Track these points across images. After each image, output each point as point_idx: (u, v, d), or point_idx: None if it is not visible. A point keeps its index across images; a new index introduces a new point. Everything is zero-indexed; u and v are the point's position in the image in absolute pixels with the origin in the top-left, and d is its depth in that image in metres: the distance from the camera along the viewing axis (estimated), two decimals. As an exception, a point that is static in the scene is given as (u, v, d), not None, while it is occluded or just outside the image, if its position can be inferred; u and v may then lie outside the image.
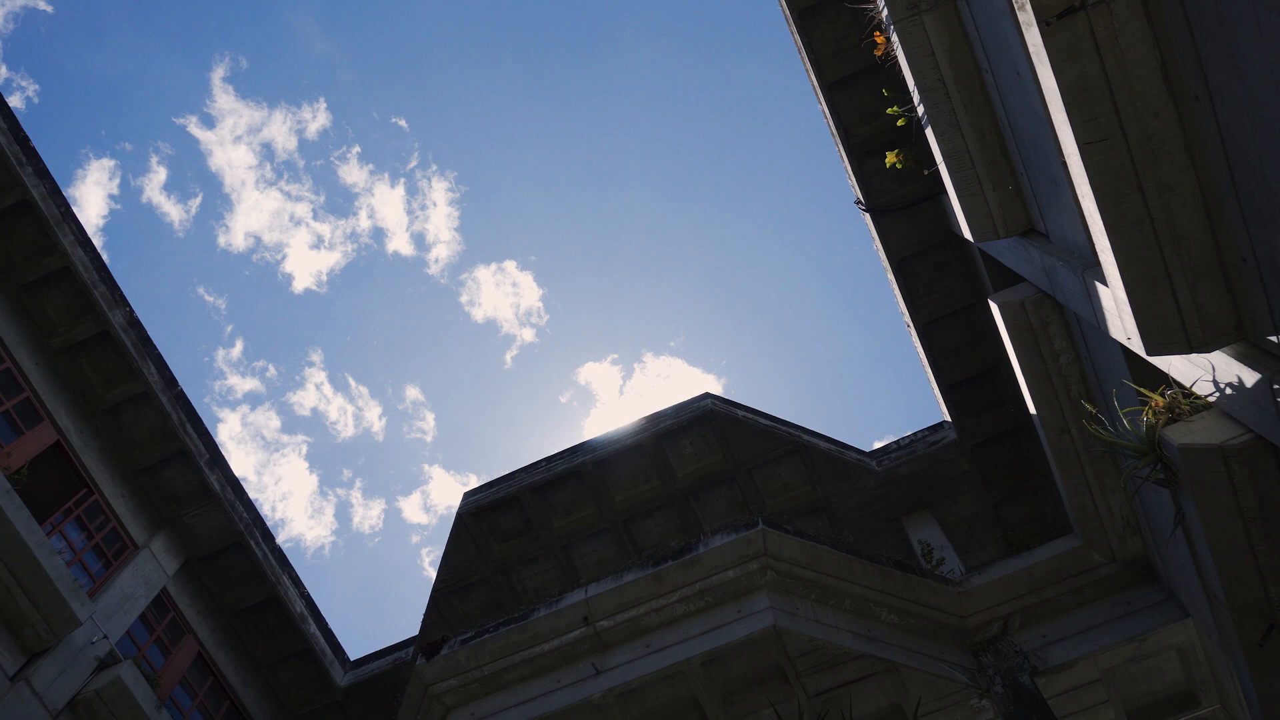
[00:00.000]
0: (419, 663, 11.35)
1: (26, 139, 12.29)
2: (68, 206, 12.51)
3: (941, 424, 13.91)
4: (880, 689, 10.33)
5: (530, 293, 43.09)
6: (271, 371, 41.33)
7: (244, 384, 41.06)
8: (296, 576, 14.44)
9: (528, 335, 42.84)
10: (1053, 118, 6.62)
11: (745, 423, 13.52)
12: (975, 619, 10.73)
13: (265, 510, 11.85)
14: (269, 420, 41.29)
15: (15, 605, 10.43)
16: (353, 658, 15.11)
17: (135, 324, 13.01)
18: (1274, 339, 5.89)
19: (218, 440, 13.56)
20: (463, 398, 44.15)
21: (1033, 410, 10.51)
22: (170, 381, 13.33)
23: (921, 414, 43.62)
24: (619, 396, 43.42)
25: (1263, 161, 5.25)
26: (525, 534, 13.86)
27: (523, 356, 43.82)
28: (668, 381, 43.80)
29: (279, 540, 13.96)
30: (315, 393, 41.73)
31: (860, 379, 43.30)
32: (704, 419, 13.57)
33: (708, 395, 13.73)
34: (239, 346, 41.04)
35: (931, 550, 12.18)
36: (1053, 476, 11.09)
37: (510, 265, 42.98)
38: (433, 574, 41.06)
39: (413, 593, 43.77)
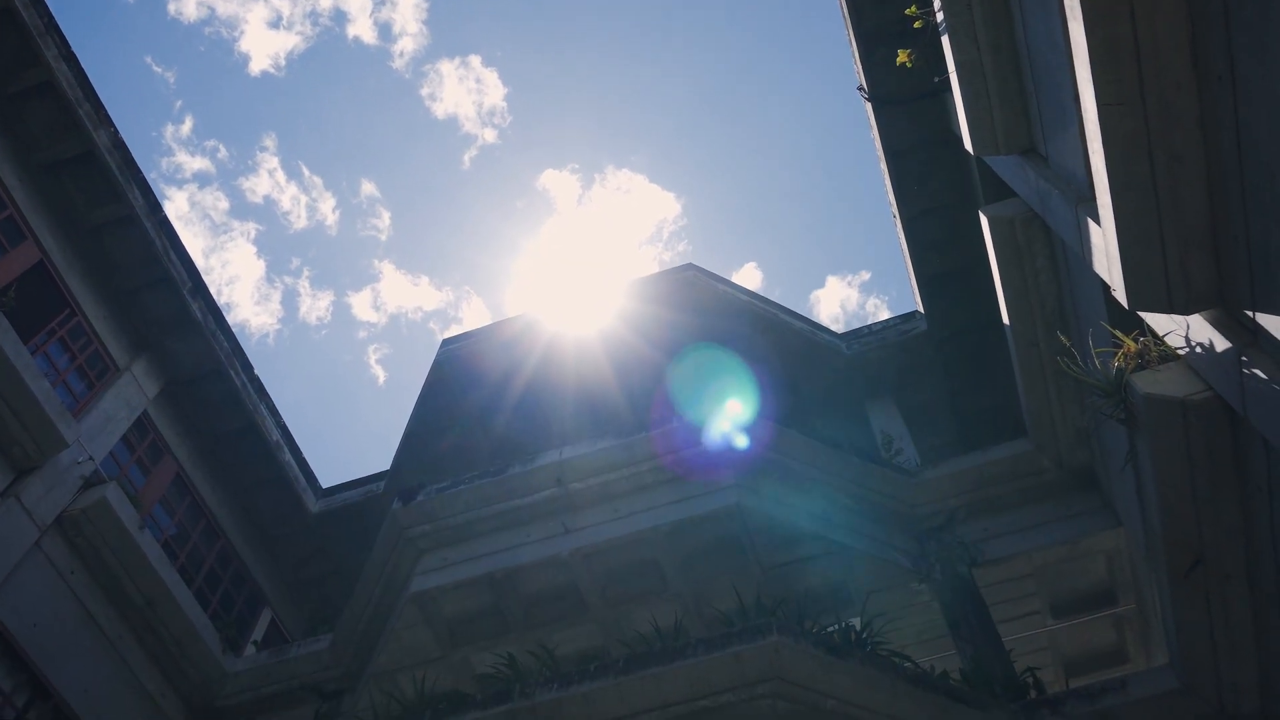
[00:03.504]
0: (395, 506, 11.89)
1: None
2: (51, 18, 12.04)
3: (913, 314, 14.32)
4: (830, 565, 11.08)
5: (494, 91, 41.74)
6: (223, 153, 40.23)
7: (193, 162, 39.97)
8: (273, 406, 14.79)
9: (489, 136, 41.79)
10: (1076, 68, 6.70)
11: (724, 297, 13.82)
12: (925, 508, 11.43)
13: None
14: (218, 201, 40.50)
15: (3, 425, 10.68)
16: (311, 463, 15.63)
17: (120, 145, 12.77)
18: (1249, 313, 6.24)
19: (191, 256, 13.54)
20: (419, 196, 43.40)
21: (1006, 321, 10.90)
22: (155, 206, 13.21)
23: (844, 297, 43.55)
24: (577, 206, 42.97)
25: (1272, 156, 5.45)
26: (501, 387, 14.25)
27: (482, 158, 42.92)
28: (627, 197, 43.37)
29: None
30: (268, 179, 40.86)
31: (813, 230, 43.38)
32: (685, 288, 13.83)
33: (691, 266, 13.94)
34: (189, 124, 39.71)
35: (891, 440, 12.80)
36: (1011, 375, 11.58)
37: (475, 60, 41.37)
38: (381, 374, 41.43)
39: (361, 390, 44.18)
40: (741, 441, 11.30)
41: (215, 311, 14.01)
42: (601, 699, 8.26)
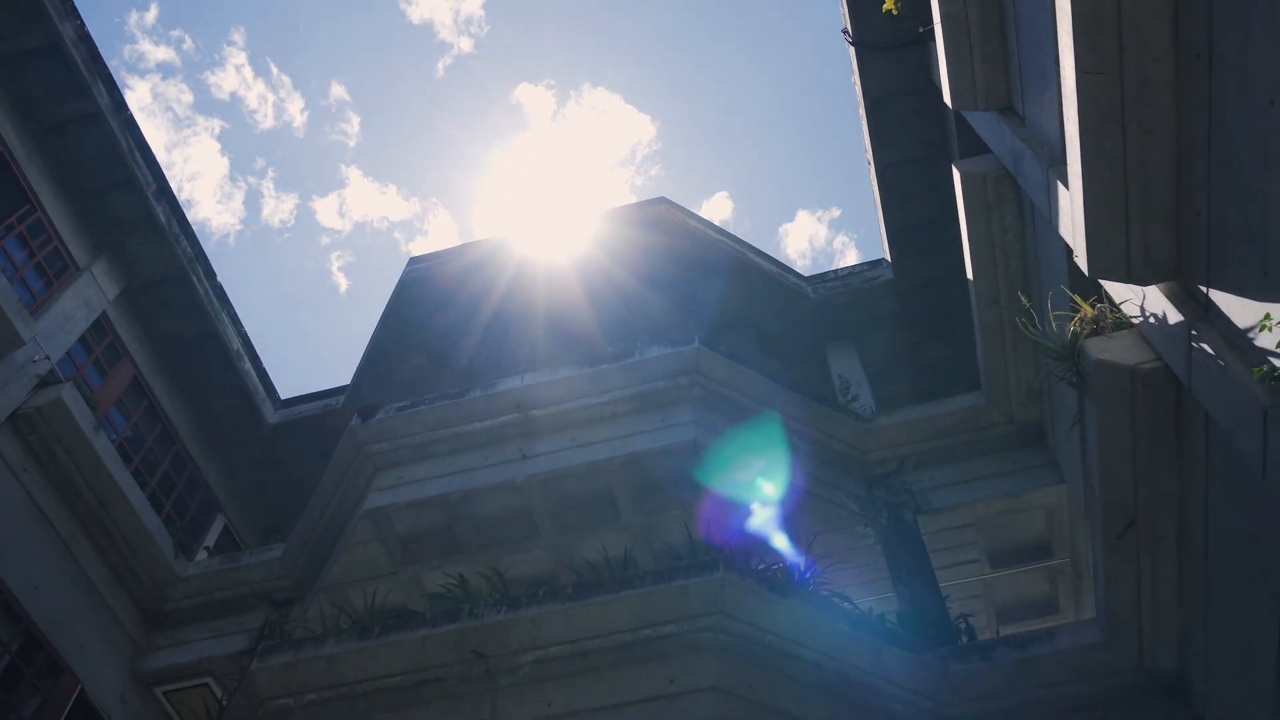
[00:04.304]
0: (354, 423, 11.94)
1: None
2: (14, -102, 11.61)
3: (880, 262, 14.43)
4: (780, 506, 11.30)
5: (473, -2, 40.59)
6: (188, 44, 38.99)
7: (157, 52, 38.75)
8: (235, 314, 14.67)
9: (464, 45, 40.74)
10: (1059, 33, 6.73)
11: (696, 234, 13.83)
12: (876, 455, 11.68)
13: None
14: (181, 94, 39.41)
15: (-41, 318, 10.55)
16: (269, 369, 15.59)
17: (86, 39, 12.41)
18: (1203, 289, 6.40)
19: (157, 159, 13.29)
20: (390, 103, 42.34)
21: (970, 276, 11.05)
22: (120, 105, 12.90)
23: (811, 241, 43.26)
24: (550, 123, 42.29)
25: (1240, 139, 5.55)
26: (468, 309, 14.23)
27: (457, 67, 41.92)
28: (602, 117, 42.69)
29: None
30: (235, 76, 39.76)
31: (786, 165, 43.20)
32: (657, 224, 13.82)
33: (663, 200, 13.91)
34: (154, 11, 38.37)
35: (848, 386, 12.99)
36: (971, 330, 11.78)
37: (453, -38, 40.27)
38: (344, 281, 40.96)
39: (322, 298, 43.63)
40: (702, 378, 11.43)
41: (179, 216, 13.81)
42: (549, 623, 8.46)
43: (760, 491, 11.08)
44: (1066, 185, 7.66)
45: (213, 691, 12.24)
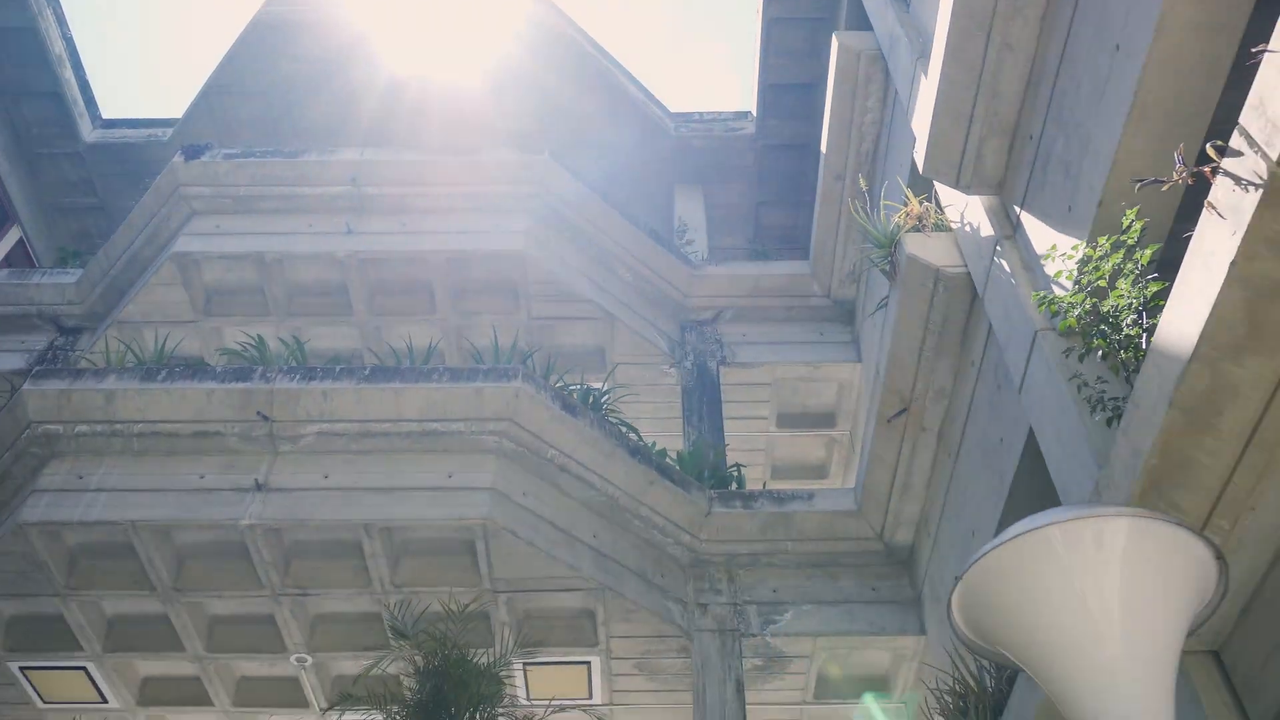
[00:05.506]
0: (177, 159, 11.31)
1: None
2: None
3: (746, 114, 14.42)
4: (593, 330, 11.52)
5: None
6: None
7: None
8: (62, 15, 13.37)
9: None
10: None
11: (570, 43, 13.41)
12: (697, 301, 11.98)
13: None
14: None
15: None
16: (93, 84, 14.50)
17: None
18: (1017, 209, 6.75)
19: None
20: None
21: (824, 148, 11.23)
22: None
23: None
24: None
25: (1083, 76, 5.77)
26: (321, 71, 13.45)
27: None
28: None
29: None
30: None
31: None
32: (535, 25, 13.30)
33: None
34: None
35: (686, 229, 13.15)
36: (814, 201, 12.05)
37: None
38: (200, 5, 37.83)
39: (162, 16, 39.83)
40: (545, 192, 11.33)
41: (7, -115, 12.32)
42: (340, 399, 8.48)
43: (578, 312, 11.26)
44: (928, 79, 7.80)
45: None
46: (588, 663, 9.11)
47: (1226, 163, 3.51)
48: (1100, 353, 5.08)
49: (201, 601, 8.79)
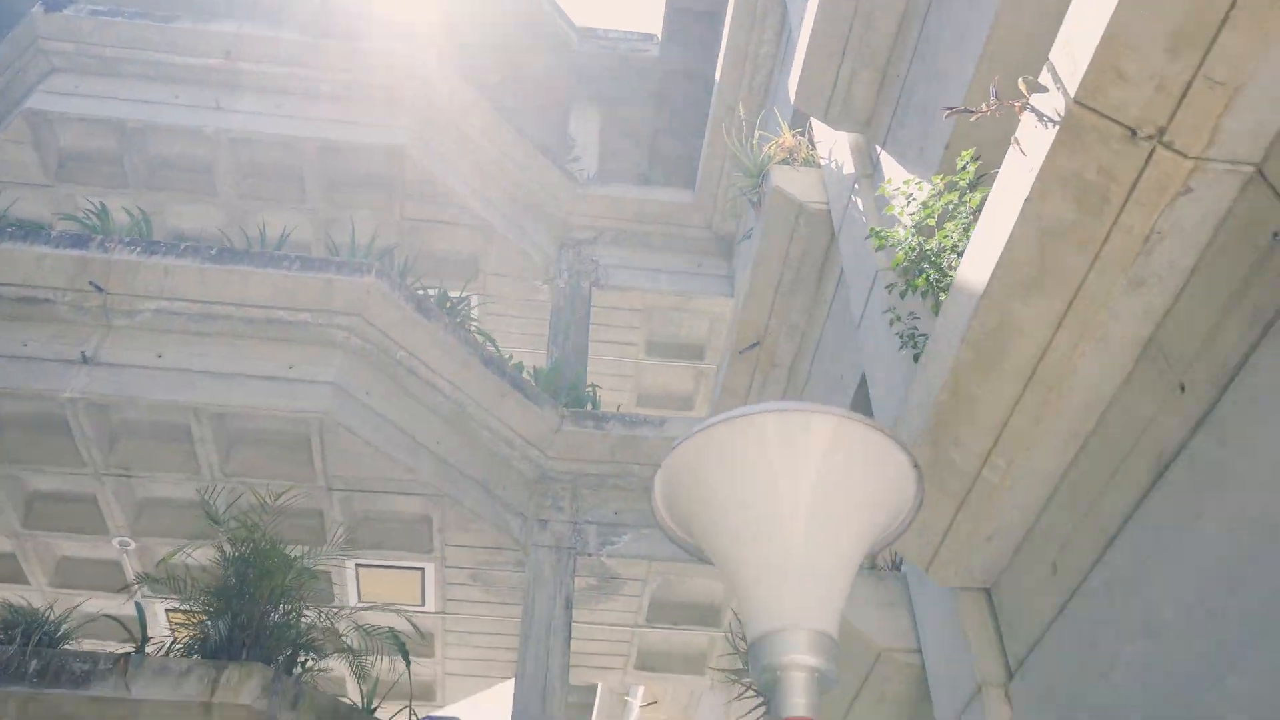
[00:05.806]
0: (37, 10, 10.59)
1: None
2: None
3: (652, 37, 14.16)
4: (469, 239, 11.29)
5: None
6: None
7: None
8: None
9: None
10: None
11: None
12: (577, 220, 11.81)
13: None
14: None
15: None
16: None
17: None
18: (878, 149, 6.74)
19: None
20: None
21: (718, 77, 11.08)
22: None
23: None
24: None
25: (948, 21, 5.74)
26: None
27: None
28: None
29: None
30: None
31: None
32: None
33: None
34: None
35: (574, 146, 12.92)
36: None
37: None
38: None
39: None
40: (430, 91, 10.96)
41: None
42: (181, 277, 8.10)
43: (454, 217, 11.00)
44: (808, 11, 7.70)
45: None
46: (421, 569, 9.06)
47: (1035, 99, 3.50)
48: (922, 292, 5.12)
49: (18, 475, 8.43)
